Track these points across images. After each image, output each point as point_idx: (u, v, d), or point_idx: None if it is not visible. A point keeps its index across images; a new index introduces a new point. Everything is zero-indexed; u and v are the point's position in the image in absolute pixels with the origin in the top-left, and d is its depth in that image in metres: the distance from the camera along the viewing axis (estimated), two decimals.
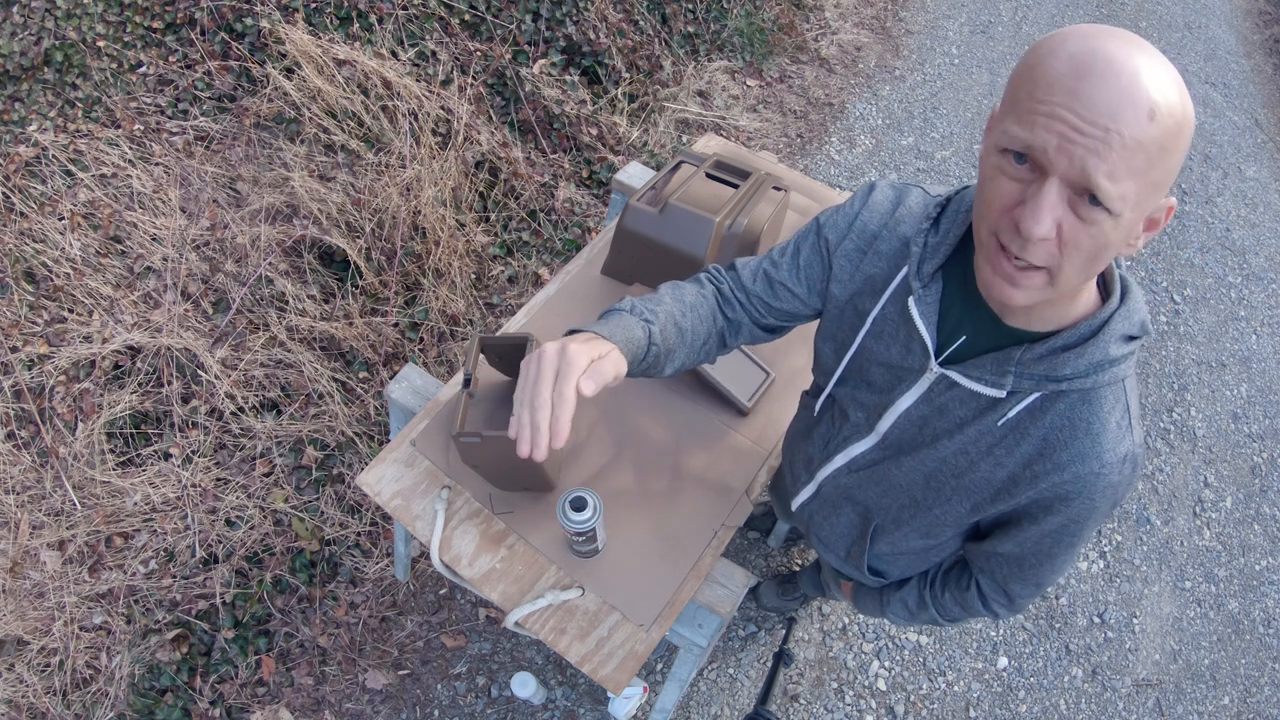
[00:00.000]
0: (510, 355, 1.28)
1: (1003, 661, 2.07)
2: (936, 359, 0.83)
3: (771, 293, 0.98)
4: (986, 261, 0.69)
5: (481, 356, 1.31)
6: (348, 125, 2.33)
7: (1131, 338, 0.75)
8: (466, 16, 2.60)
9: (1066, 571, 0.96)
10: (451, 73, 2.49)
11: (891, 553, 1.09)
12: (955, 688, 2.01)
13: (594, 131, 2.70)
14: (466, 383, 1.20)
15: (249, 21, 2.34)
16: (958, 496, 0.90)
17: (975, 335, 0.80)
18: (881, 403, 0.92)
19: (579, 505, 1.08)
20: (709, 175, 1.53)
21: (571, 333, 0.81)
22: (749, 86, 3.29)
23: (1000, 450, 0.82)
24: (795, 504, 1.19)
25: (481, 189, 2.44)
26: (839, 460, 1.02)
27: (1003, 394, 0.78)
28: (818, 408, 1.05)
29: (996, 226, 0.66)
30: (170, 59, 2.31)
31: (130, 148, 2.15)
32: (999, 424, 0.81)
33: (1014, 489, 0.84)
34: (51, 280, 1.93)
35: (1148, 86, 0.58)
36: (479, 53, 2.57)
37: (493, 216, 2.45)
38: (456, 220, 2.32)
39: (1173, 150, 0.60)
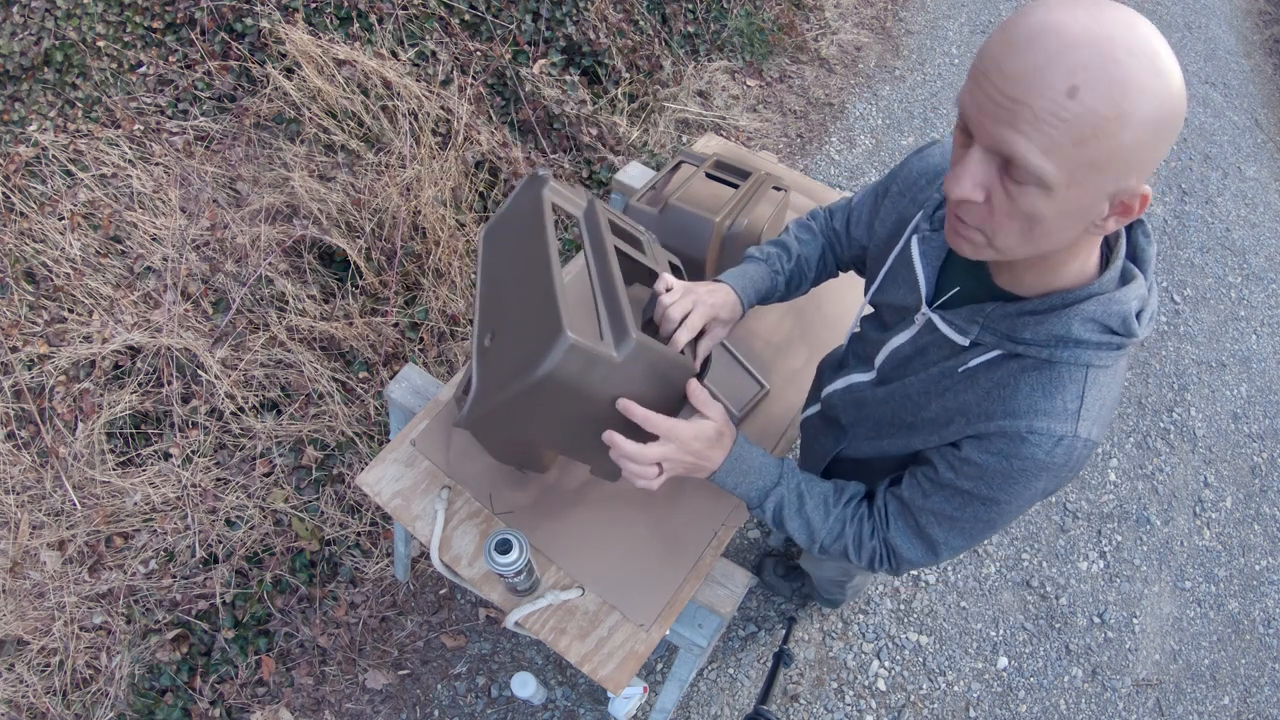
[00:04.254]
0: None
1: (1003, 661, 2.07)
2: (929, 304, 0.87)
3: (846, 227, 1.15)
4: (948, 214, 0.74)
5: None
6: (348, 125, 2.33)
7: (1111, 331, 0.73)
8: (466, 16, 2.60)
9: (959, 550, 0.93)
10: (451, 73, 2.49)
11: (855, 472, 1.10)
12: (955, 688, 2.01)
13: (594, 131, 2.70)
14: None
15: (249, 21, 2.34)
16: (908, 433, 0.92)
17: (968, 288, 0.84)
18: (881, 339, 0.97)
19: (504, 548, 1.04)
20: (709, 175, 1.53)
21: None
22: (749, 86, 3.29)
23: (950, 394, 0.85)
24: (800, 419, 1.30)
25: (481, 189, 2.44)
26: (839, 384, 1.09)
27: (965, 342, 0.82)
28: (847, 339, 1.15)
29: (946, 185, 0.69)
30: (170, 59, 2.31)
31: (130, 148, 2.15)
32: (959, 370, 0.84)
33: (947, 428, 0.85)
34: (51, 280, 1.93)
35: (1074, 64, 0.55)
36: (479, 53, 2.57)
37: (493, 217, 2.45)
38: (456, 220, 2.32)
39: (1111, 134, 0.57)
